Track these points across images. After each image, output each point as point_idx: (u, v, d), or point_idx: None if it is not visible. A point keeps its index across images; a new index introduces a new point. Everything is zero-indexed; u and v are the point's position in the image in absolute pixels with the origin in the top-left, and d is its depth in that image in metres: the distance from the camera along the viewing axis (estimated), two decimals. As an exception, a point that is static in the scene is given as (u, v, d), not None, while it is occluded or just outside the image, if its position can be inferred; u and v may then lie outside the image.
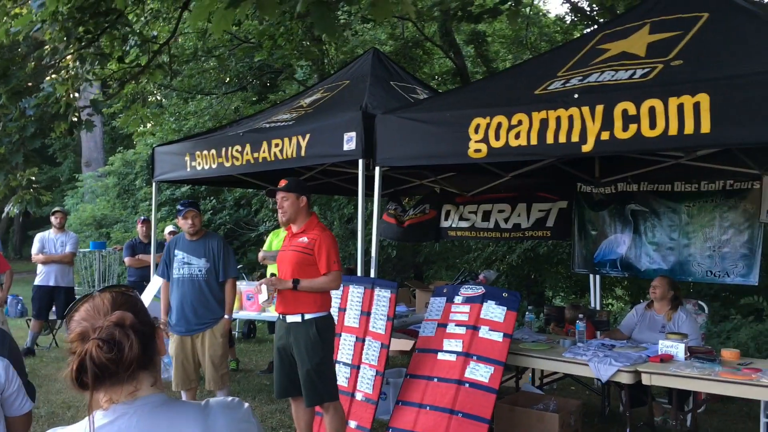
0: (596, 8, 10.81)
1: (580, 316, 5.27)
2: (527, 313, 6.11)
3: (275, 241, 7.10)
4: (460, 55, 11.46)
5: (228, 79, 13.32)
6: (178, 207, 5.61)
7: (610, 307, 10.83)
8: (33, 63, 6.24)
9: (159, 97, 14.33)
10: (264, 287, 4.42)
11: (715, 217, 6.00)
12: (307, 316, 4.36)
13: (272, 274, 5.31)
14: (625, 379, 4.39)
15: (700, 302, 6.19)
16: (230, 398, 1.54)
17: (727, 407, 6.04)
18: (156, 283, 6.47)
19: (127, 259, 8.47)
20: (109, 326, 1.37)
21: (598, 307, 6.91)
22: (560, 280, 10.47)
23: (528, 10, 12.44)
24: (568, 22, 12.54)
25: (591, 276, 7.09)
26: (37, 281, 8.45)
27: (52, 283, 8.38)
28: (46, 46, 6.11)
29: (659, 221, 6.32)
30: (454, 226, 7.74)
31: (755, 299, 7.52)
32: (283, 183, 4.48)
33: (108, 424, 1.37)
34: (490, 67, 11.56)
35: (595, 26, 9.05)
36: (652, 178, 6.37)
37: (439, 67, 13.30)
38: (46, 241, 8.47)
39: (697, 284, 8.09)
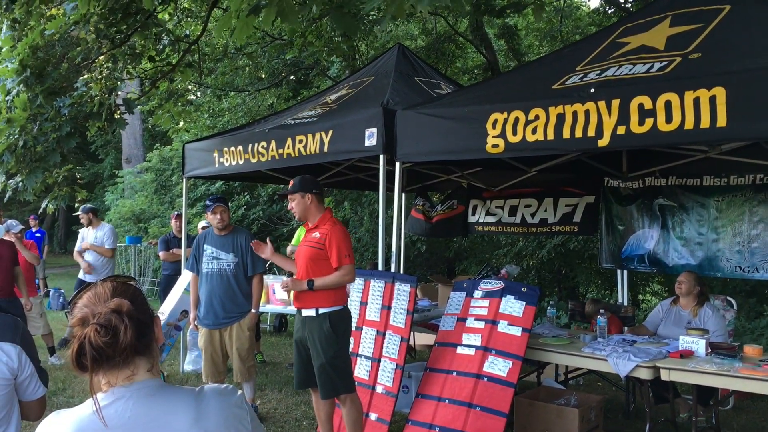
0: (630, -1, 10.67)
1: (602, 311, 5.24)
2: (549, 308, 6.09)
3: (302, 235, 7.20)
4: (492, 49, 11.42)
5: (263, 75, 13.48)
6: (207, 202, 5.74)
7: (646, 303, 10.71)
8: (66, 64, 6.41)
9: (193, 95, 14.57)
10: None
11: (744, 211, 5.90)
12: (321, 311, 4.43)
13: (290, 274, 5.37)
14: (644, 374, 4.36)
15: (728, 298, 6.10)
16: (224, 385, 1.60)
17: (756, 404, 5.95)
18: (186, 276, 6.62)
19: (161, 254, 8.66)
20: (107, 312, 1.45)
21: (625, 303, 6.85)
22: (592, 276, 10.38)
23: (562, 2, 12.35)
24: (602, 14, 12.38)
25: (618, 271, 7.03)
26: (81, 275, 8.66)
27: (89, 279, 8.58)
28: (79, 48, 6.27)
29: (687, 216, 6.24)
30: (481, 221, 7.74)
31: (789, 295, 7.38)
32: (289, 185, 4.58)
33: (106, 407, 1.45)
34: (521, 61, 11.49)
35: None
36: (680, 172, 6.29)
37: (472, 62, 13.27)
38: (83, 237, 8.67)
39: (733, 280, 7.96)
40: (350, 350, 4.76)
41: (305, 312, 4.47)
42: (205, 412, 1.49)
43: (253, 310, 5.61)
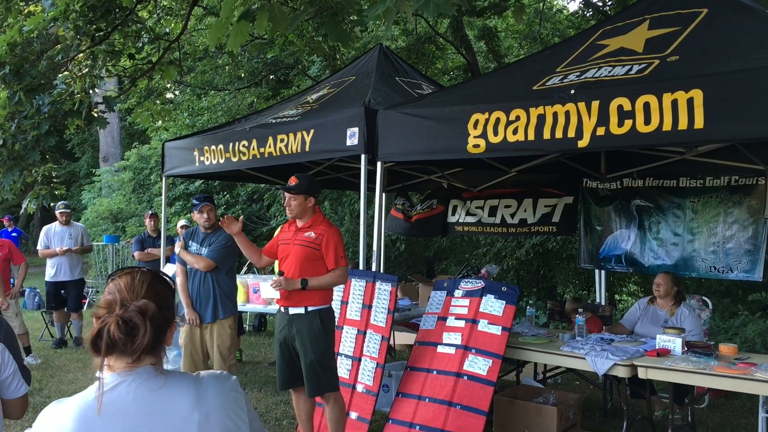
0: (608, 2, 10.79)
1: (580, 309, 5.30)
2: (528, 307, 6.14)
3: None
4: (472, 50, 11.48)
5: (243, 74, 13.44)
6: (194, 201, 5.72)
7: (623, 303, 10.82)
8: (45, 61, 6.35)
9: (172, 94, 14.48)
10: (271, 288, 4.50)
11: (719, 212, 5.99)
12: (311, 308, 4.42)
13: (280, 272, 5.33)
14: (622, 372, 4.42)
15: (704, 298, 6.19)
16: (219, 371, 1.64)
17: (730, 403, 6.05)
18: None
19: (136, 254, 8.61)
20: (133, 310, 1.49)
21: (603, 302, 6.93)
22: (570, 276, 10.47)
23: (541, 5, 12.45)
24: (581, 17, 12.49)
25: (596, 271, 7.11)
26: (48, 278, 8.57)
27: (61, 278, 8.50)
28: (58, 45, 6.22)
29: (664, 217, 6.33)
30: (461, 221, 7.78)
31: (763, 296, 7.49)
32: (293, 181, 4.49)
33: (109, 390, 1.48)
34: (501, 63, 11.56)
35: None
36: (657, 173, 6.37)
37: (452, 63, 13.33)
38: (52, 235, 8.56)
39: (708, 280, 8.07)
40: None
41: (293, 310, 4.45)
42: (205, 395, 1.53)
43: (177, 249, 5.63)
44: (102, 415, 1.45)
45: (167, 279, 1.62)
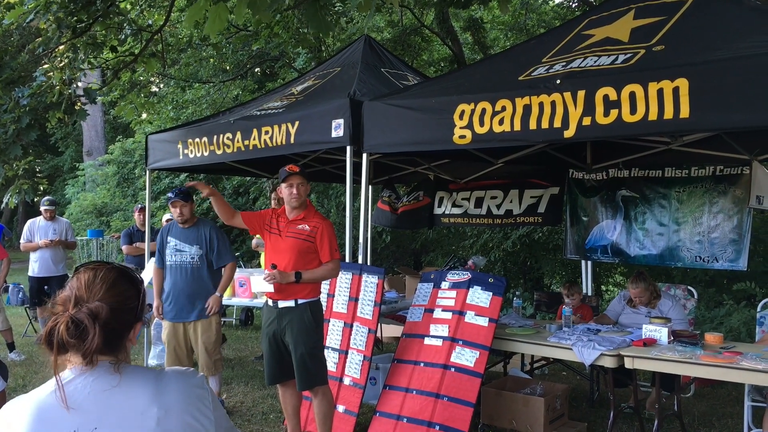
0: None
1: (567, 300, 5.30)
2: (515, 298, 6.14)
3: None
4: (458, 42, 11.46)
5: (228, 67, 13.33)
6: (169, 195, 5.67)
7: (609, 293, 10.86)
8: (26, 55, 6.26)
9: (156, 87, 14.35)
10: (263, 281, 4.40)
11: (704, 202, 6.01)
12: (301, 301, 4.38)
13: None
14: (608, 362, 4.43)
15: (689, 287, 6.22)
16: (185, 368, 1.60)
17: (716, 391, 6.08)
18: (149, 270, 6.53)
19: (124, 247, 8.53)
20: (84, 312, 1.44)
21: (590, 293, 6.94)
22: (557, 267, 10.49)
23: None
24: (566, 8, 12.50)
25: (583, 262, 7.12)
26: (31, 272, 8.47)
27: (45, 274, 8.40)
28: (39, 38, 6.12)
29: (649, 207, 6.34)
30: (447, 212, 7.77)
31: (748, 285, 7.54)
32: (296, 168, 4.44)
33: (66, 384, 1.45)
34: (487, 54, 11.54)
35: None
36: (643, 163, 6.39)
37: (438, 55, 13.29)
38: (36, 229, 8.46)
39: (693, 270, 8.11)
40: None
41: (282, 303, 4.40)
42: (165, 390, 1.49)
43: (217, 294, 5.51)
44: (58, 410, 1.42)
45: (135, 278, 1.56)
